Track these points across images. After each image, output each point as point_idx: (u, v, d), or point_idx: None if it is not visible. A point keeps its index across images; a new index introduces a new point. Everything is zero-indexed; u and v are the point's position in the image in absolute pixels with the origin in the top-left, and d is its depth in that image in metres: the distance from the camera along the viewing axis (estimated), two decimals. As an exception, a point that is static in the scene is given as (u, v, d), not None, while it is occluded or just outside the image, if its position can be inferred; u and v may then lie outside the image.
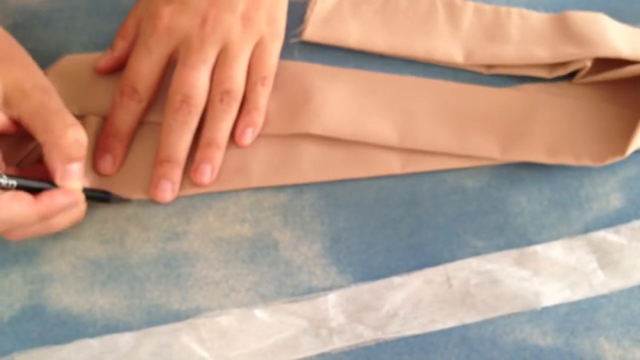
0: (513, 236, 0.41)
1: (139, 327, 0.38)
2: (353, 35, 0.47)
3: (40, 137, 0.36)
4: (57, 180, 0.37)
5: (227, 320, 0.38)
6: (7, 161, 0.38)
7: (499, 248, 0.40)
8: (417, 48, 0.47)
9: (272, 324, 0.38)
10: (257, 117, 0.42)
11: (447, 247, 0.40)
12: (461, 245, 0.40)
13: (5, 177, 0.35)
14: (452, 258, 0.40)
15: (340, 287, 0.39)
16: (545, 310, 0.39)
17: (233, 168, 0.42)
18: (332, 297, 0.38)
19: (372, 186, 0.43)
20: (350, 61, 0.47)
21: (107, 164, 0.41)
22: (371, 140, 0.43)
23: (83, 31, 0.47)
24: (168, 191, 0.41)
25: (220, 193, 0.42)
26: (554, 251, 0.40)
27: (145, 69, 0.41)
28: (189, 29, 0.40)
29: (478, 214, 0.41)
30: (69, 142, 0.36)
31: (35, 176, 0.37)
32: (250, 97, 0.42)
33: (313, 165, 0.43)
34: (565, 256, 0.40)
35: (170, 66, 0.42)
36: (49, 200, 0.36)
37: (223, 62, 0.41)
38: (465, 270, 0.39)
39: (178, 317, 0.38)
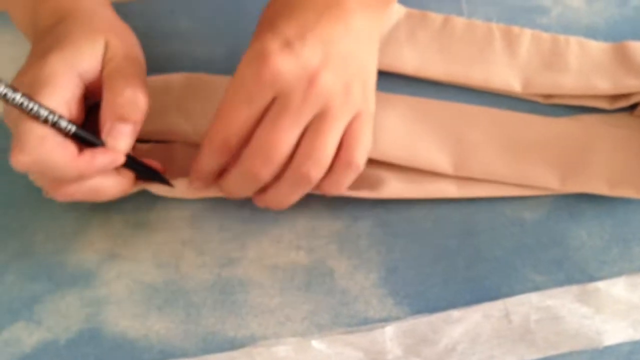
0: (573, 271, 0.40)
1: (194, 354, 0.38)
2: (409, 61, 0.47)
3: (104, 94, 0.36)
4: (103, 135, 0.36)
5: (284, 350, 0.37)
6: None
7: (559, 283, 0.39)
8: (474, 76, 0.46)
9: (329, 355, 0.37)
10: (336, 192, 0.39)
11: (506, 281, 0.40)
12: (520, 280, 0.40)
13: (66, 120, 0.34)
14: (511, 292, 0.39)
15: (396, 318, 0.39)
16: (607, 348, 0.38)
17: None
18: (389, 330, 0.38)
19: (428, 216, 0.42)
20: (404, 87, 0.46)
21: (197, 186, 0.40)
22: (425, 167, 0.43)
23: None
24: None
25: (275, 219, 0.42)
26: (616, 288, 0.39)
27: (241, 121, 0.36)
28: (294, 85, 0.35)
29: (537, 247, 0.41)
30: (125, 100, 0.35)
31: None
32: (336, 174, 0.38)
33: (369, 185, 0.42)
34: (628, 293, 0.39)
35: None
36: (90, 156, 0.35)
37: (318, 128, 0.36)
38: (525, 306, 0.38)
39: (233, 344, 0.38)
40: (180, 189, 0.41)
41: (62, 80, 0.35)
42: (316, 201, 0.42)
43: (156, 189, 0.41)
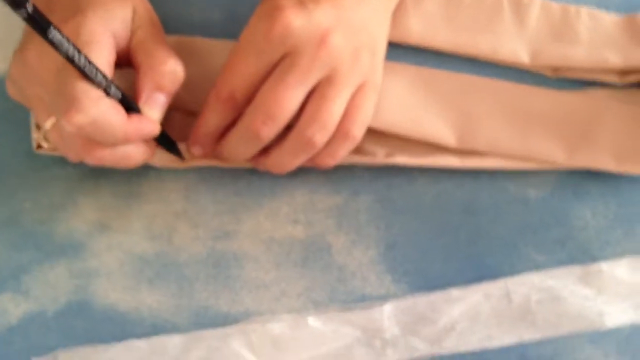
0: (576, 251, 0.39)
1: (186, 329, 0.37)
2: (414, 30, 0.45)
3: (141, 60, 0.35)
4: (140, 103, 0.35)
5: (279, 327, 0.37)
6: None
7: (561, 263, 0.39)
8: (481, 46, 0.44)
9: (325, 332, 0.36)
10: (330, 163, 0.39)
11: (507, 260, 0.39)
12: (522, 259, 0.39)
13: (114, 87, 0.33)
14: (512, 271, 0.38)
15: (394, 296, 0.38)
16: (607, 331, 0.37)
17: None
18: (388, 307, 0.37)
19: (430, 192, 0.41)
20: (409, 56, 0.44)
21: (196, 151, 0.39)
22: (428, 139, 0.41)
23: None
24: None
25: (272, 192, 0.41)
26: (619, 269, 0.38)
27: (249, 74, 0.36)
28: (304, 43, 0.35)
29: (540, 226, 0.40)
30: (166, 69, 0.35)
31: None
32: (333, 144, 0.38)
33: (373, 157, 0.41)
34: (631, 275, 0.38)
35: None
36: (138, 122, 0.34)
37: (325, 93, 0.36)
38: (526, 286, 0.38)
39: (227, 319, 0.37)
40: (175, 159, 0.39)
41: (104, 41, 0.33)
42: (315, 174, 0.41)
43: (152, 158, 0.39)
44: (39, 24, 0.29)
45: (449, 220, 0.40)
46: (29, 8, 0.27)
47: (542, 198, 0.41)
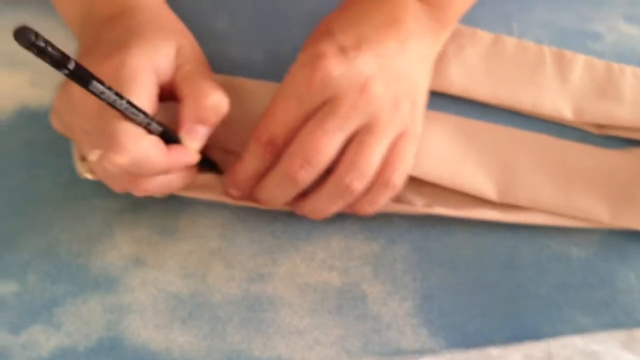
0: (620, 315, 0.38)
1: (217, 372, 0.36)
2: (456, 80, 0.45)
3: (185, 93, 0.35)
4: (181, 133, 0.35)
5: (312, 376, 0.36)
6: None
7: (605, 326, 0.37)
8: (523, 99, 0.44)
9: (358, 385, 0.35)
10: (369, 211, 0.38)
11: (548, 320, 0.38)
12: (563, 320, 0.38)
13: (155, 123, 0.34)
14: (554, 332, 0.37)
15: (431, 351, 0.37)
16: (651, 400, 0.36)
17: None
18: (423, 363, 0.36)
19: (469, 244, 0.40)
20: (450, 106, 0.44)
21: (234, 193, 0.39)
22: (469, 191, 0.41)
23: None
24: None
25: (309, 235, 0.40)
26: (664, 336, 0.37)
27: (290, 122, 0.36)
28: (345, 91, 0.35)
29: (583, 286, 0.39)
30: (210, 103, 0.35)
31: None
32: (373, 192, 0.37)
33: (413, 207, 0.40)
34: (676, 343, 0.37)
35: None
36: (178, 153, 0.35)
37: (364, 140, 0.36)
38: (569, 349, 0.36)
39: (258, 365, 0.36)
40: (213, 190, 0.40)
41: (146, 77, 0.34)
42: (352, 220, 0.41)
43: (188, 192, 0.40)
44: (81, 78, 0.29)
45: (488, 275, 0.39)
46: (71, 66, 0.28)
47: (585, 257, 0.40)
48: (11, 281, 0.38)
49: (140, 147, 0.32)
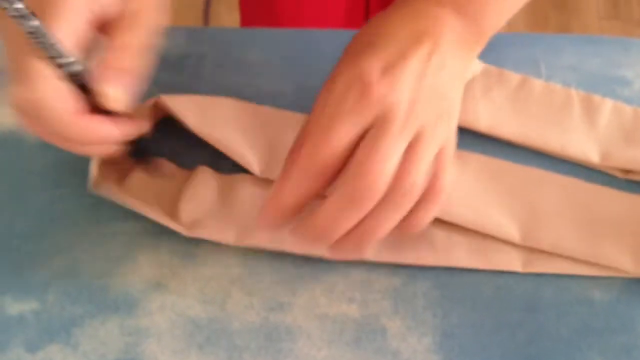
0: (643, 362, 0.37)
1: (232, 401, 0.36)
2: (483, 118, 0.45)
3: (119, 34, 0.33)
4: (99, 77, 0.32)
5: (328, 409, 0.35)
6: None
7: (627, 373, 0.37)
8: (550, 141, 0.44)
9: (375, 421, 0.35)
10: (416, 227, 0.37)
11: (569, 363, 0.37)
12: (585, 364, 0.37)
13: (72, 59, 0.31)
14: (574, 376, 0.37)
15: (449, 390, 0.36)
16: None
17: None
18: (442, 402, 0.35)
19: (490, 283, 0.40)
20: (477, 145, 0.44)
21: (266, 226, 0.37)
22: (491, 232, 0.41)
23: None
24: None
25: (329, 266, 0.40)
26: (689, 387, 0.36)
27: (342, 143, 0.34)
28: (397, 107, 0.34)
29: (605, 330, 0.38)
30: (137, 48, 0.33)
31: None
32: (418, 206, 0.36)
33: (431, 246, 0.40)
34: (701, 394, 0.36)
35: None
36: (98, 122, 0.33)
37: (415, 151, 0.35)
38: (591, 395, 0.36)
39: (274, 396, 0.36)
40: (231, 234, 0.40)
41: (76, 4, 0.31)
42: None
43: (203, 233, 0.40)
44: None
45: (509, 316, 0.39)
46: None
47: (607, 301, 0.39)
48: (31, 300, 0.39)
49: (47, 88, 0.30)
